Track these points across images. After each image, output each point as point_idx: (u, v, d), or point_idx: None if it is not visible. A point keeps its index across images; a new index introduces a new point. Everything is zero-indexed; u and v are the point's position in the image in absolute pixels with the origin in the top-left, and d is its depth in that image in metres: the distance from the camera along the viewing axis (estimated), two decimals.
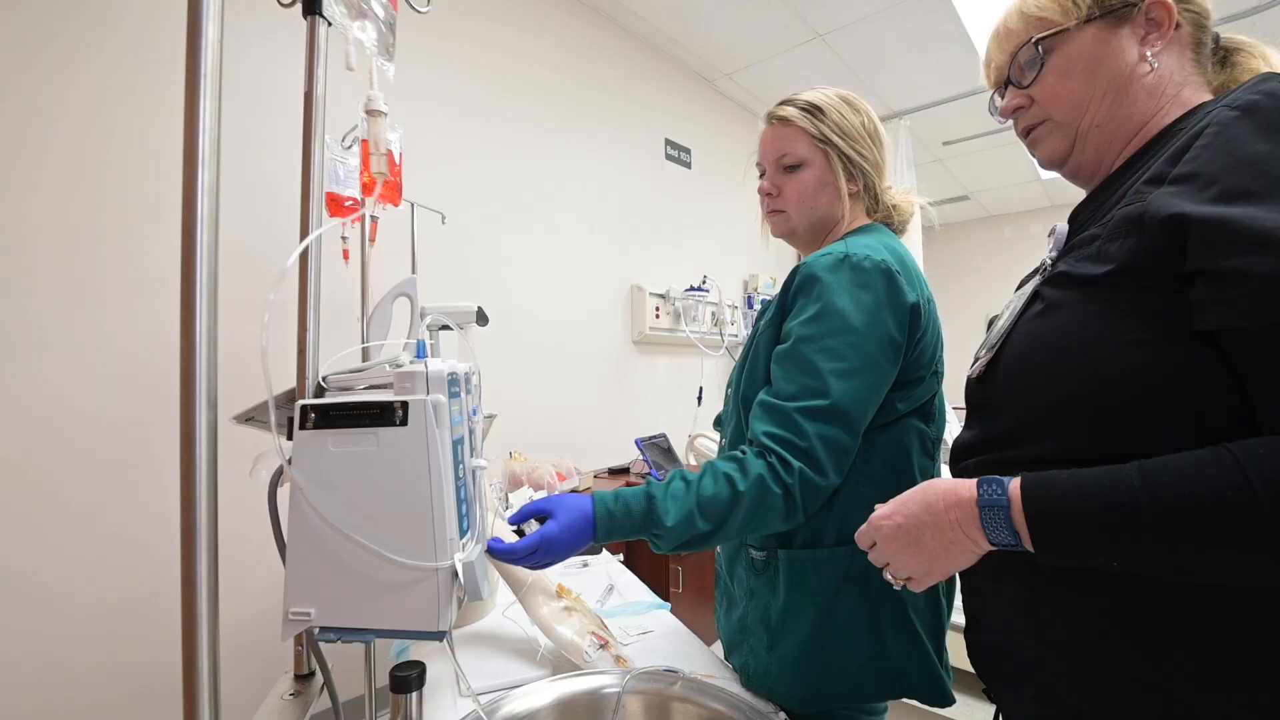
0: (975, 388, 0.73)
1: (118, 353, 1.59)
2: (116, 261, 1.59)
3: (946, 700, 0.91)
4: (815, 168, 0.99)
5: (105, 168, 1.58)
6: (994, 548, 0.59)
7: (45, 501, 1.48)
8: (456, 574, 0.62)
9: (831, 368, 0.84)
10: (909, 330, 0.88)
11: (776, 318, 0.94)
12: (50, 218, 1.50)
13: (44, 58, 1.49)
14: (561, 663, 1.03)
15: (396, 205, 1.46)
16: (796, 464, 0.82)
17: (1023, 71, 0.72)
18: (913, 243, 3.04)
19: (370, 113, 0.83)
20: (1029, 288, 0.70)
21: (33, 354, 1.48)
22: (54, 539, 1.49)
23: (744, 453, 0.85)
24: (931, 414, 0.96)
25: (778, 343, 0.92)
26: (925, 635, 0.90)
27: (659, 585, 2.50)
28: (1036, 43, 0.69)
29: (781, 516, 0.83)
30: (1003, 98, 0.76)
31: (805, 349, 0.86)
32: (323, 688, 0.82)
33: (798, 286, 0.91)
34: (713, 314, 3.63)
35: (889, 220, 1.05)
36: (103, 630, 1.55)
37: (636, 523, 0.82)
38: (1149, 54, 0.65)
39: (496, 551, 0.79)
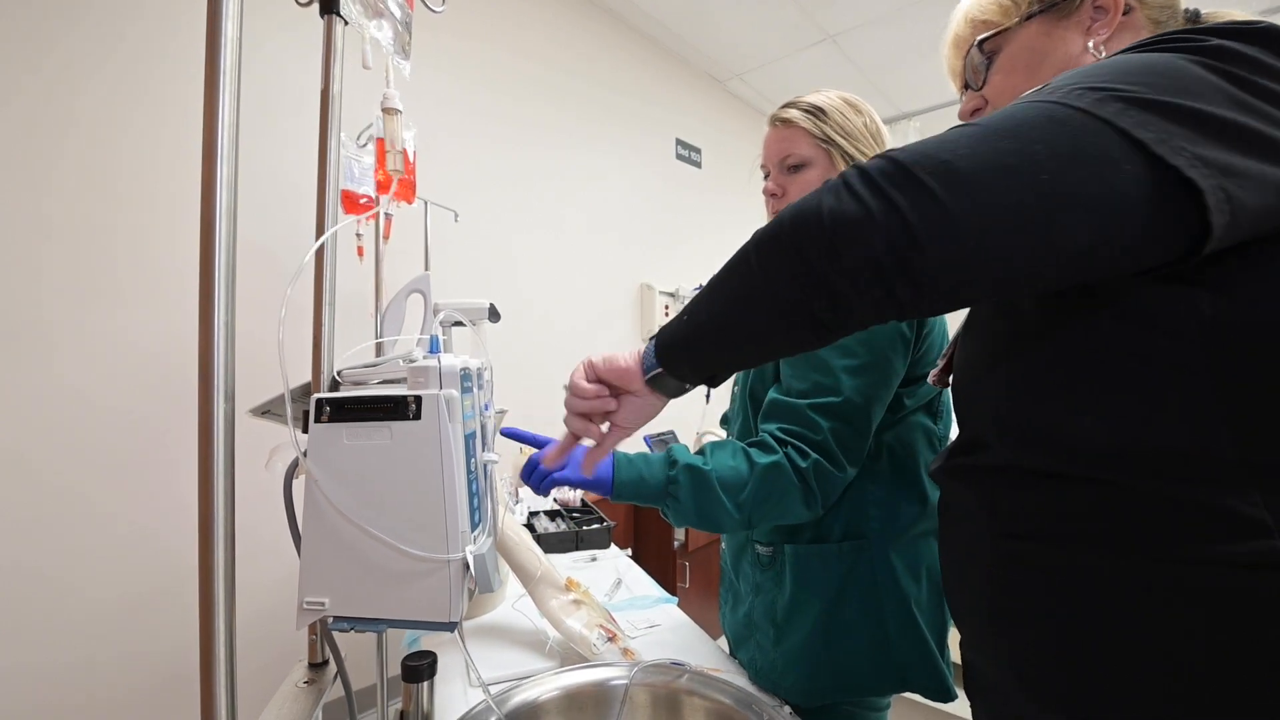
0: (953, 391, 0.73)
1: (134, 349, 1.61)
2: (131, 258, 1.61)
3: (948, 695, 0.91)
4: (819, 167, 0.99)
5: (119, 165, 1.60)
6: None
7: (64, 496, 1.51)
8: (468, 566, 0.63)
9: (843, 364, 0.85)
10: (916, 325, 0.89)
11: None
12: (65, 215, 1.53)
13: (58, 56, 1.52)
14: (570, 655, 1.04)
15: (411, 203, 1.48)
16: (813, 455, 0.84)
17: (975, 74, 0.72)
18: None
19: (386, 111, 0.84)
20: None
21: (50, 351, 1.50)
22: (73, 532, 1.52)
23: (762, 438, 0.87)
24: (938, 411, 0.97)
25: None
26: (928, 630, 0.91)
27: (666, 580, 2.51)
28: (980, 44, 0.69)
29: (801, 503, 0.85)
30: None
31: None
32: (336, 676, 0.83)
33: None
34: None
35: None
36: (122, 621, 1.58)
37: (655, 470, 0.86)
38: (1091, 44, 0.63)
39: (517, 435, 0.90)
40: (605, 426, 0.70)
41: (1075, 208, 0.41)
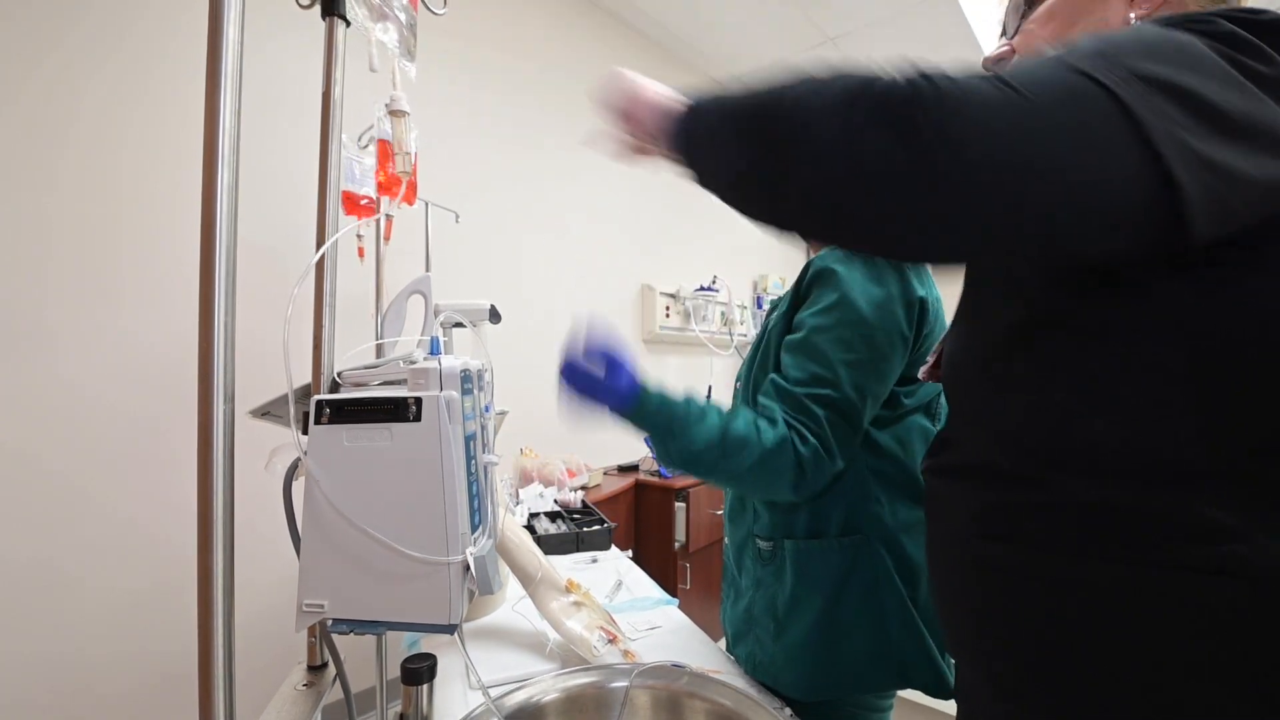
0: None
1: (135, 348, 1.61)
2: (133, 259, 1.61)
3: (948, 692, 0.91)
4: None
5: (120, 165, 1.60)
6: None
7: (65, 493, 1.51)
8: (468, 568, 0.63)
9: (842, 358, 0.86)
10: (917, 325, 0.90)
11: (789, 310, 0.96)
12: (67, 215, 1.52)
13: (58, 56, 1.52)
14: (570, 657, 1.04)
15: (412, 204, 1.47)
16: (813, 441, 0.84)
17: (1012, 18, 0.69)
18: None
19: (394, 113, 0.84)
20: None
21: (52, 350, 1.50)
22: (74, 530, 1.52)
23: (772, 411, 0.88)
24: (936, 413, 0.97)
25: (789, 334, 0.93)
26: (927, 627, 0.91)
27: (667, 581, 2.51)
28: None
29: (790, 483, 0.85)
30: None
31: (817, 339, 0.88)
32: (335, 679, 0.83)
33: (811, 278, 0.92)
34: (722, 314, 3.62)
35: None
36: (121, 619, 1.58)
37: (677, 410, 0.85)
38: (1133, 15, 0.59)
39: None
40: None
41: (1062, 185, 0.41)
